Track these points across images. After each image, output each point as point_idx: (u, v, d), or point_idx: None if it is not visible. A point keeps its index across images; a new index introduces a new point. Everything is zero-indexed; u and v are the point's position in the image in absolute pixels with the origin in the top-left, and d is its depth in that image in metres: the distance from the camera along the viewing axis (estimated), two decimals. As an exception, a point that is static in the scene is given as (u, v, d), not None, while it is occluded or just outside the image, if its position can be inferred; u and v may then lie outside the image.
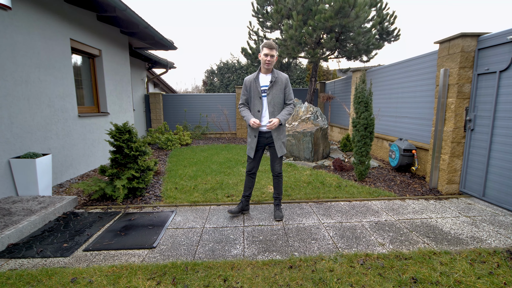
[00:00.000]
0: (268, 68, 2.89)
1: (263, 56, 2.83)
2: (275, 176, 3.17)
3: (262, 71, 2.95)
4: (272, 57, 2.82)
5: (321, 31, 8.02)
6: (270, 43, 2.80)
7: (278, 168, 3.13)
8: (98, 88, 6.06)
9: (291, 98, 2.99)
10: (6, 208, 3.02)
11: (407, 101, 5.26)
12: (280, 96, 2.93)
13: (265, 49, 2.80)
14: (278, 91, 2.91)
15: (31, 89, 3.88)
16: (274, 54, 2.81)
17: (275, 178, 3.19)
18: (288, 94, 2.97)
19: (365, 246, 2.48)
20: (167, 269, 2.11)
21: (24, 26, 3.75)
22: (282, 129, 3.02)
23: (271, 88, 2.89)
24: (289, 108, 2.97)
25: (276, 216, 3.12)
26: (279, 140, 2.99)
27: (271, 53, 2.80)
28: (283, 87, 2.93)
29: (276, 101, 2.92)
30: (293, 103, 3.00)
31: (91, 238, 2.71)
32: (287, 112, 2.94)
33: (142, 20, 5.66)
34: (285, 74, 2.96)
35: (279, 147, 2.99)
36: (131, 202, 3.75)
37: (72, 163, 4.88)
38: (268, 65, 2.84)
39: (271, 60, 2.82)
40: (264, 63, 2.84)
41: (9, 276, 2.02)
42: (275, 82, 2.89)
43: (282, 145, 3.01)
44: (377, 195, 3.86)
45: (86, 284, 1.93)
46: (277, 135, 2.97)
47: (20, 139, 3.67)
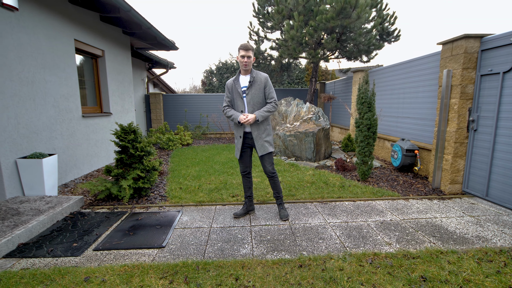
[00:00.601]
0: (246, 69, 2.93)
1: (240, 58, 2.89)
2: (269, 176, 3.14)
3: (241, 72, 3.01)
4: (249, 58, 2.86)
5: (322, 31, 8.06)
6: (246, 45, 2.84)
7: (269, 168, 3.09)
8: (101, 88, 6.07)
9: (272, 97, 2.98)
10: (15, 208, 3.04)
11: (409, 102, 5.30)
12: (259, 96, 2.95)
13: (241, 51, 2.85)
14: (257, 90, 2.94)
15: (36, 90, 3.89)
16: (251, 55, 2.87)
17: (270, 179, 3.17)
18: (269, 93, 2.97)
19: (372, 245, 2.51)
20: (178, 268, 2.13)
21: (30, 27, 3.76)
22: (263, 128, 3.01)
23: (250, 88, 2.93)
24: (269, 105, 2.96)
25: (282, 216, 3.14)
26: (260, 139, 2.98)
27: (247, 54, 2.84)
28: (262, 86, 2.95)
29: (255, 101, 2.95)
30: (274, 101, 2.98)
31: (100, 237, 2.72)
32: (266, 109, 2.93)
33: (145, 21, 5.67)
34: (265, 74, 2.98)
35: (260, 146, 2.98)
36: (136, 202, 3.77)
37: (76, 163, 4.90)
38: (246, 66, 2.89)
39: (247, 61, 2.87)
40: (241, 64, 2.90)
41: (22, 275, 2.04)
42: (253, 82, 2.93)
43: (264, 144, 2.99)
44: (381, 195, 3.89)
45: (99, 283, 1.95)
46: (258, 134, 2.97)
47: (26, 139, 3.68)
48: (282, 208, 3.24)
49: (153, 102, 10.79)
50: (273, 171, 3.12)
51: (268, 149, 3.01)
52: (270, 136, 3.07)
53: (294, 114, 7.52)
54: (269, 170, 3.10)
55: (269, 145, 3.04)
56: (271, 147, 3.06)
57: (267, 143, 3.02)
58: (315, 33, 7.99)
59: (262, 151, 2.99)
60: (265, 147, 3.00)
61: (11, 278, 2.00)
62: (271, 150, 3.03)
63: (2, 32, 3.33)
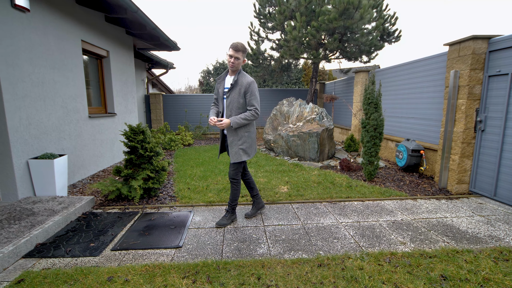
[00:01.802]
0: (233, 70, 2.80)
1: (228, 57, 2.75)
2: (230, 180, 3.00)
3: (229, 72, 2.89)
4: (237, 60, 2.71)
5: (324, 32, 8.11)
6: (235, 45, 2.69)
7: (231, 173, 2.93)
8: (106, 88, 6.07)
9: (252, 104, 2.77)
10: (29, 209, 3.04)
11: (413, 102, 5.35)
12: (238, 101, 2.77)
13: (230, 50, 2.70)
14: (236, 95, 2.76)
15: (46, 90, 3.89)
16: (239, 56, 2.70)
17: (230, 184, 3.02)
18: (249, 99, 2.77)
19: (387, 244, 2.55)
20: (199, 268, 2.15)
21: (40, 28, 3.76)
22: (240, 135, 2.84)
23: (230, 90, 2.79)
24: (248, 113, 2.76)
25: (217, 223, 3.00)
26: (235, 146, 2.83)
27: (235, 55, 2.69)
28: (243, 91, 2.75)
29: (234, 106, 2.78)
30: (255, 110, 2.78)
31: (116, 237, 2.74)
32: (244, 117, 2.74)
33: (150, 21, 5.68)
34: (250, 78, 2.77)
35: (234, 153, 2.84)
36: (147, 202, 3.78)
37: (83, 163, 4.89)
38: (232, 66, 2.74)
39: (235, 62, 2.72)
40: (228, 64, 2.77)
41: (45, 275, 2.05)
42: (234, 85, 2.77)
43: (239, 151, 2.84)
44: (389, 195, 3.94)
45: (122, 283, 1.97)
46: (233, 140, 2.84)
47: (37, 140, 3.68)
48: (226, 216, 3.06)
49: (153, 102, 10.78)
50: (235, 177, 2.96)
51: (242, 157, 2.85)
52: (246, 144, 2.88)
53: (297, 115, 7.54)
54: (230, 175, 2.95)
55: (244, 153, 2.87)
56: (246, 155, 2.88)
57: (241, 151, 2.86)
58: (317, 33, 8.03)
59: (235, 159, 2.84)
60: (239, 155, 2.84)
61: (35, 278, 2.02)
62: (244, 159, 2.87)
63: (14, 33, 3.33)
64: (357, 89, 7.72)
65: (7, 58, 3.21)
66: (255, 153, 3.04)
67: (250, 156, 2.93)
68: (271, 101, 11.13)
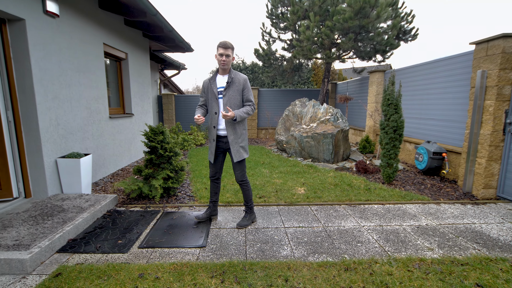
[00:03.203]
0: (224, 69, 2.80)
1: (218, 56, 2.73)
2: (239, 183, 3.02)
3: (219, 72, 2.87)
4: (227, 57, 2.72)
5: (338, 31, 8.05)
6: (225, 43, 2.70)
7: (239, 175, 2.97)
8: (124, 90, 6.22)
9: (249, 100, 2.86)
10: (59, 205, 3.16)
11: (434, 103, 5.26)
12: (237, 98, 2.83)
13: (220, 49, 2.70)
14: (235, 92, 2.81)
15: (72, 92, 4.03)
16: (230, 54, 2.73)
17: (240, 186, 3.05)
18: (247, 95, 2.85)
19: (414, 250, 2.52)
20: (226, 268, 2.19)
21: (68, 32, 3.90)
22: (239, 132, 2.87)
23: (227, 89, 2.79)
24: (248, 107, 2.84)
25: (238, 224, 3.03)
26: (236, 144, 2.84)
27: (226, 52, 2.70)
28: (241, 88, 2.82)
29: (232, 102, 2.81)
30: (253, 104, 2.88)
31: (141, 235, 2.82)
32: (245, 111, 2.80)
33: (168, 24, 5.78)
34: (244, 75, 2.85)
35: (236, 152, 2.85)
36: (167, 201, 3.86)
37: (104, 162, 5.03)
38: (224, 65, 2.75)
39: (226, 60, 2.72)
40: (219, 63, 2.76)
41: (80, 270, 2.14)
42: (231, 83, 2.79)
43: (240, 149, 2.87)
44: (410, 199, 3.88)
45: (153, 280, 2.03)
46: (234, 138, 2.84)
47: (64, 139, 3.82)
48: (246, 216, 3.10)
49: (166, 102, 10.96)
50: (244, 178, 3.00)
51: (243, 155, 2.89)
52: (245, 142, 2.94)
53: (311, 115, 7.52)
54: (239, 178, 2.98)
55: (244, 151, 2.92)
56: (246, 153, 2.94)
57: (242, 149, 2.89)
58: (331, 33, 7.99)
59: (238, 157, 2.86)
60: (240, 153, 2.87)
61: (71, 273, 2.10)
62: (245, 157, 2.92)
63: (46, 38, 3.46)
64: (372, 89, 7.63)
65: (39, 62, 3.35)
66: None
67: (248, 154, 2.97)
68: (281, 101, 11.12)
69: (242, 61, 16.43)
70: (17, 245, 2.31)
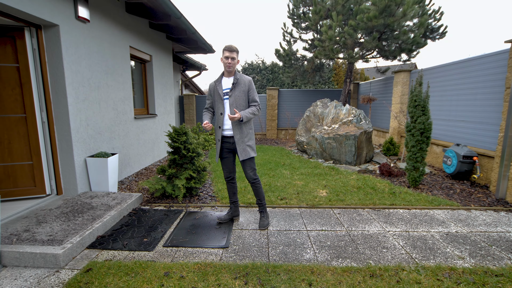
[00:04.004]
0: (229, 71, 2.88)
1: (224, 59, 2.82)
2: (251, 183, 3.04)
3: (224, 74, 2.94)
4: (233, 60, 2.81)
5: (362, 31, 7.85)
6: (230, 46, 2.78)
7: (250, 174, 2.99)
8: (148, 91, 6.41)
9: (255, 100, 2.91)
10: (88, 203, 3.31)
11: (463, 104, 5.00)
12: (242, 98, 2.88)
13: (225, 52, 2.79)
14: (240, 93, 2.87)
15: (101, 94, 4.20)
16: (235, 56, 2.82)
17: (251, 185, 3.07)
18: (252, 96, 2.91)
19: (443, 258, 2.41)
20: (249, 269, 2.20)
21: (97, 36, 4.07)
22: (245, 132, 2.91)
23: (233, 90, 2.86)
24: (254, 108, 2.89)
25: (261, 225, 3.04)
26: (242, 143, 2.88)
27: (231, 55, 2.79)
28: (246, 89, 2.89)
29: (238, 103, 2.87)
30: (258, 105, 2.93)
31: (166, 234, 2.88)
32: (251, 111, 2.85)
33: (191, 26, 5.89)
34: (248, 77, 2.91)
35: (242, 151, 2.88)
36: (189, 201, 3.92)
37: (129, 162, 5.21)
38: (229, 67, 2.83)
39: (231, 62, 2.81)
40: (225, 65, 2.84)
41: (109, 266, 2.23)
42: (237, 84, 2.86)
43: (246, 148, 2.90)
44: (438, 204, 3.71)
45: (178, 279, 2.07)
46: (240, 137, 2.88)
47: (93, 139, 3.99)
48: (264, 216, 3.13)
49: (187, 103, 11.17)
50: (255, 177, 3.02)
51: (250, 154, 2.92)
52: (252, 141, 2.98)
53: (332, 116, 7.39)
54: (251, 176, 3.00)
55: (251, 149, 2.95)
56: (253, 152, 2.96)
57: (249, 147, 2.93)
58: (355, 32, 7.80)
59: (244, 156, 2.89)
60: (247, 152, 2.90)
61: (100, 268, 2.19)
62: (253, 155, 2.94)
63: (77, 42, 3.64)
64: (396, 89, 7.38)
65: (71, 65, 3.52)
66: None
67: (255, 153, 2.99)
68: (302, 101, 11.00)
69: (262, 61, 16.44)
70: (51, 240, 2.44)
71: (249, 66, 16.64)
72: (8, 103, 3.30)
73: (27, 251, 2.28)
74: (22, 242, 2.41)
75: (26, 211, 3.11)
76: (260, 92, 15.67)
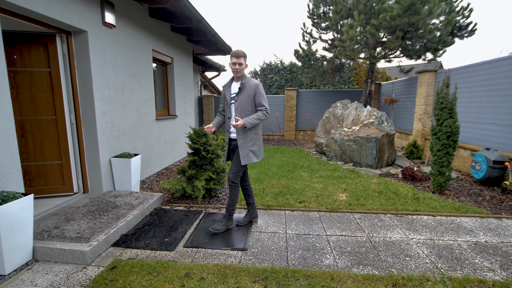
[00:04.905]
0: (237, 76, 2.90)
1: (231, 65, 2.85)
2: (228, 183, 2.99)
3: (234, 79, 2.98)
4: (240, 65, 2.82)
5: (385, 30, 7.63)
6: (237, 52, 2.80)
7: (230, 175, 2.94)
8: (169, 92, 6.57)
9: (262, 105, 2.87)
10: (112, 202, 3.44)
11: (494, 106, 4.73)
12: (248, 103, 2.87)
13: (233, 58, 2.82)
14: (245, 97, 2.86)
15: (125, 96, 4.35)
16: (242, 62, 2.83)
17: (229, 187, 3.02)
18: (259, 100, 2.87)
19: (471, 269, 2.29)
20: (268, 273, 2.20)
21: (122, 41, 4.22)
22: (249, 137, 2.89)
23: (238, 94, 2.87)
24: (260, 113, 2.85)
25: (211, 227, 2.99)
26: (245, 148, 2.87)
27: (238, 61, 2.81)
28: (252, 93, 2.86)
29: (244, 108, 2.86)
30: (265, 109, 2.86)
31: (186, 235, 2.94)
32: (256, 117, 2.82)
33: (211, 29, 5.97)
34: (256, 81, 2.89)
35: (244, 155, 2.86)
36: (208, 202, 3.98)
37: (150, 162, 5.36)
38: (237, 72, 2.85)
39: (239, 68, 2.82)
40: (233, 71, 2.87)
41: (132, 264, 2.30)
42: (242, 88, 2.86)
43: (249, 153, 2.87)
44: (465, 211, 3.54)
45: (198, 280, 2.11)
46: (243, 142, 2.87)
47: (117, 140, 4.14)
48: (222, 221, 3.06)
49: (206, 103, 11.32)
50: (235, 181, 2.95)
51: (252, 159, 2.88)
52: (256, 146, 2.94)
53: (353, 118, 7.23)
54: (230, 178, 2.94)
55: (253, 155, 2.91)
56: (255, 157, 2.92)
57: (251, 152, 2.90)
58: (377, 32, 7.60)
59: (246, 161, 2.86)
60: (249, 157, 2.87)
61: (124, 267, 2.28)
62: (254, 161, 2.91)
63: (104, 47, 3.79)
64: (421, 90, 7.11)
65: (98, 69, 3.68)
66: (263, 156, 3.07)
67: (259, 158, 2.97)
68: (320, 102, 10.85)
69: (280, 61, 16.38)
70: (78, 237, 2.56)
71: (267, 66, 16.62)
72: (41, 106, 3.49)
73: (57, 247, 2.41)
74: (52, 238, 2.54)
75: (55, 208, 3.28)
76: (278, 93, 15.61)
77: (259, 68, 17.07)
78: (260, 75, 16.88)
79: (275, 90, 15.82)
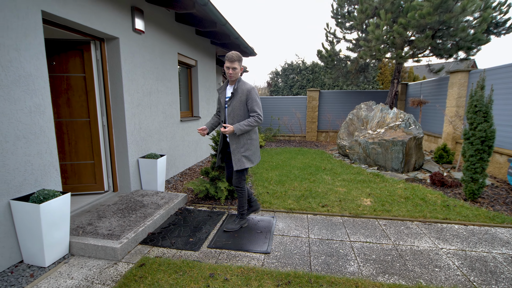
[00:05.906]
0: (232, 80, 2.86)
1: (226, 69, 2.81)
2: (235, 188, 3.04)
3: (229, 82, 2.94)
4: (234, 70, 2.77)
5: (414, 29, 7.33)
6: (231, 57, 2.74)
7: (235, 181, 2.98)
8: (193, 94, 6.73)
9: (254, 110, 2.80)
10: (140, 201, 3.60)
11: (536, 110, 4.41)
12: (240, 108, 2.82)
13: (226, 62, 2.77)
14: (238, 103, 2.81)
15: (152, 99, 4.52)
16: (236, 66, 2.76)
17: (236, 191, 3.08)
18: (251, 106, 2.80)
19: (507, 284, 2.16)
20: (291, 278, 2.20)
21: (150, 46, 4.40)
22: (242, 142, 2.87)
23: (231, 99, 2.84)
24: (251, 119, 2.79)
25: (226, 227, 3.11)
26: (238, 153, 2.85)
27: (232, 65, 2.75)
28: (244, 99, 2.80)
29: (236, 113, 2.83)
30: (257, 115, 2.80)
31: (210, 235, 3.01)
32: (247, 123, 2.77)
33: (235, 32, 6.04)
34: (249, 85, 2.81)
35: (237, 161, 2.85)
36: (230, 203, 4.04)
37: (175, 162, 5.52)
38: (231, 77, 2.81)
39: (232, 72, 2.78)
40: (227, 75, 2.82)
41: (159, 262, 2.40)
42: (235, 93, 2.82)
43: (242, 158, 2.85)
44: (501, 221, 3.33)
45: (223, 281, 2.16)
46: (236, 147, 2.85)
47: (144, 141, 4.32)
48: (235, 220, 3.17)
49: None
50: (239, 185, 3.00)
51: (245, 164, 2.87)
52: (249, 151, 2.91)
53: (378, 120, 7.02)
54: (235, 183, 3.00)
55: (247, 160, 2.89)
56: (249, 162, 2.90)
57: (244, 158, 2.88)
58: (405, 31, 7.32)
59: (238, 166, 2.86)
60: (242, 162, 2.86)
61: (152, 264, 2.38)
62: (247, 166, 2.89)
63: (134, 52, 3.97)
64: (452, 91, 6.77)
65: (128, 74, 3.86)
66: (259, 160, 3.06)
67: (253, 163, 2.95)
68: (343, 103, 10.63)
69: (302, 61, 16.23)
70: (110, 234, 2.70)
71: (289, 67, 16.53)
72: (76, 109, 3.72)
73: (91, 243, 2.56)
74: (86, 234, 2.70)
75: (88, 205, 3.48)
76: (300, 93, 15.47)
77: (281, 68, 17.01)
78: (282, 75, 16.82)
79: (297, 90, 15.68)
